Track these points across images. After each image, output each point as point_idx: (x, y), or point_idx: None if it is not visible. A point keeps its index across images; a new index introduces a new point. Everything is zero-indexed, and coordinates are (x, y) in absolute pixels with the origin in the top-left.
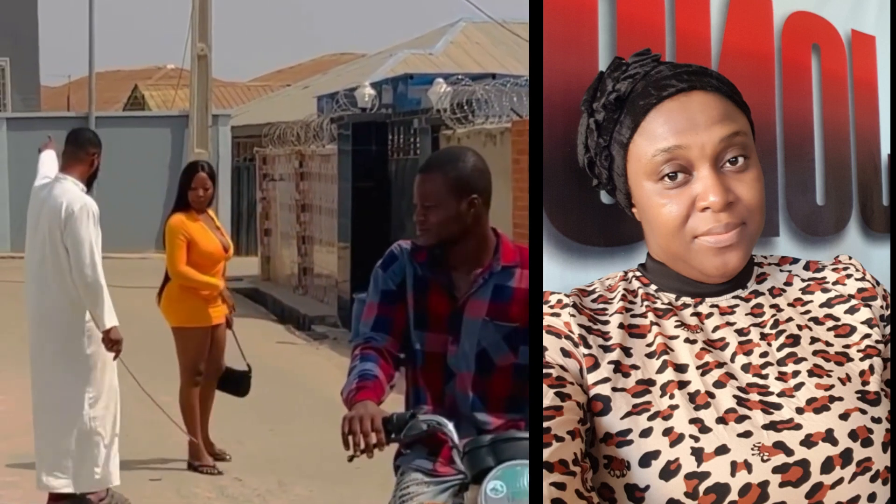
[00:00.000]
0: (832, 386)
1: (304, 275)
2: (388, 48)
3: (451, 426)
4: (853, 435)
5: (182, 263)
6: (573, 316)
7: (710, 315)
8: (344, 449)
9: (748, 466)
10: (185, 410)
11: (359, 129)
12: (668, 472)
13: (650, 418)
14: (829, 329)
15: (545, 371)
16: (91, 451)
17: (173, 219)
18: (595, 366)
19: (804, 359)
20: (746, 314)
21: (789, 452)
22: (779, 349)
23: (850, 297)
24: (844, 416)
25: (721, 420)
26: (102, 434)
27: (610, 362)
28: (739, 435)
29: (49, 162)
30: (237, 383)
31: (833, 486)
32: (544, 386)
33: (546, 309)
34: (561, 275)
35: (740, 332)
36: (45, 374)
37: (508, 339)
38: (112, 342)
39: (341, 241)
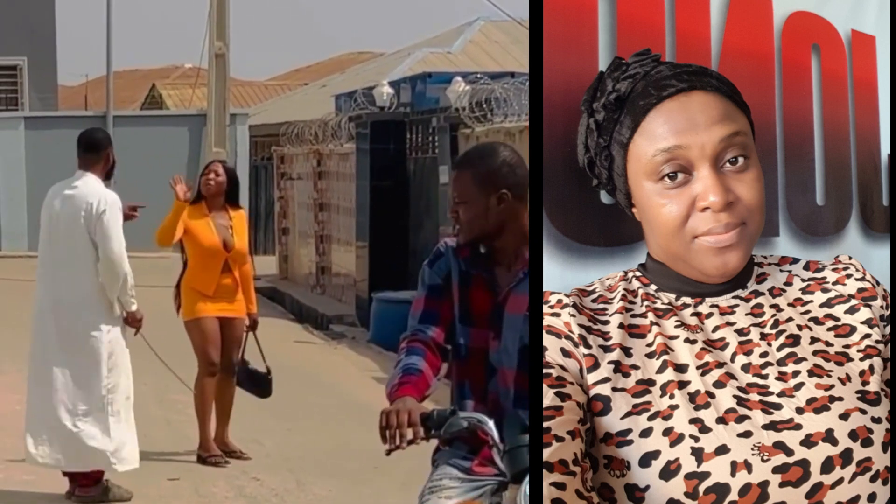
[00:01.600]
0: (832, 386)
1: (321, 274)
2: (406, 47)
3: (491, 424)
4: (853, 435)
5: (161, 227)
6: (573, 316)
7: (710, 315)
8: (381, 443)
9: (748, 466)
10: (197, 402)
11: (377, 128)
12: (668, 472)
13: (650, 418)
14: (829, 329)
15: (545, 371)
16: (109, 431)
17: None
18: (595, 366)
19: (804, 359)
20: (746, 314)
21: (789, 452)
22: (779, 349)
23: (850, 297)
24: (844, 416)
25: (721, 420)
26: (119, 413)
27: (610, 362)
28: (739, 435)
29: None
30: (259, 384)
31: (833, 486)
32: (544, 386)
33: (546, 309)
34: (561, 275)
35: (740, 332)
36: (55, 359)
37: None
38: (136, 320)
39: (359, 240)
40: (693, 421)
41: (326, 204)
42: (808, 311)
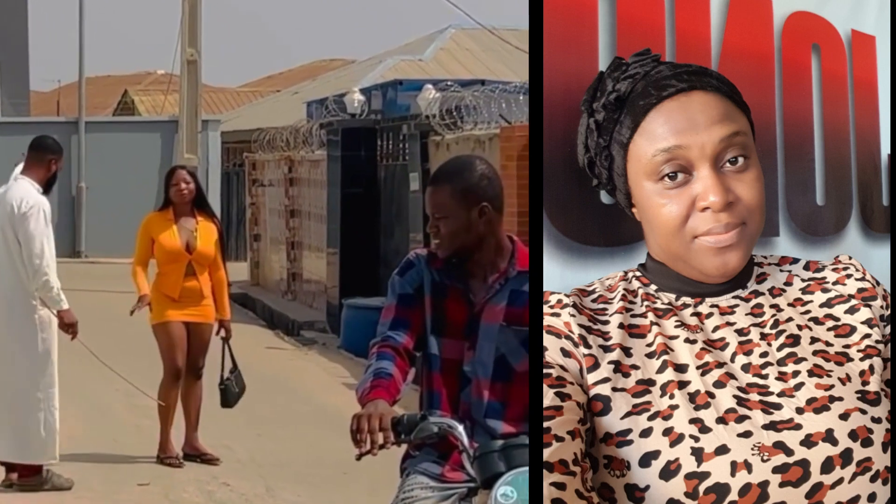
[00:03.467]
0: (832, 386)
1: (293, 280)
2: (378, 54)
3: (461, 429)
4: (853, 435)
5: (137, 261)
6: (573, 316)
7: (710, 315)
8: (353, 447)
9: (748, 466)
10: (160, 405)
11: (348, 135)
12: (668, 472)
13: (650, 418)
14: (829, 329)
15: (545, 371)
16: (33, 426)
17: (147, 217)
18: (595, 366)
19: (804, 359)
20: (746, 314)
21: (789, 452)
22: (779, 349)
23: (850, 297)
24: (844, 416)
25: (721, 420)
26: (45, 411)
27: (610, 362)
28: (739, 435)
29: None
30: (224, 394)
31: (833, 486)
32: (544, 386)
33: (546, 309)
34: (561, 275)
35: (740, 332)
36: (10, 355)
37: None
38: (67, 325)
39: (330, 246)
40: (693, 421)
41: (298, 210)
42: (808, 311)
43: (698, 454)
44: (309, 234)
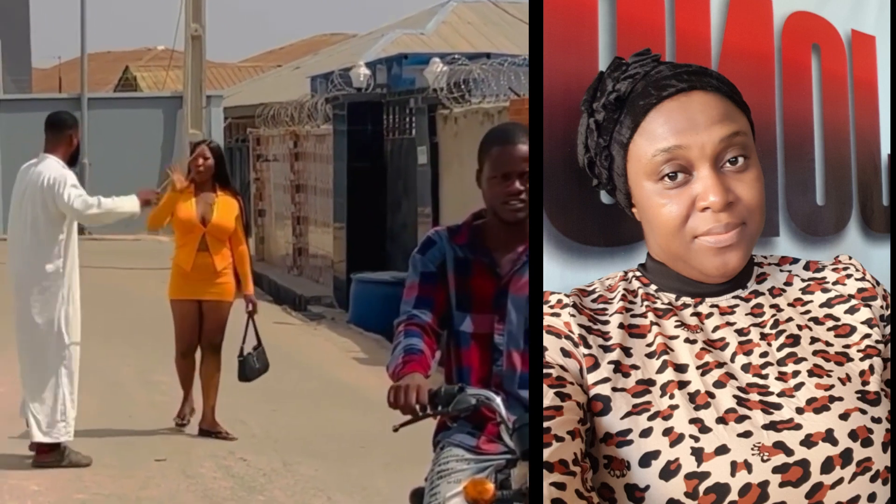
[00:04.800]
0: (832, 386)
1: (298, 255)
2: (379, 28)
3: (499, 401)
4: (853, 435)
5: (152, 212)
6: (573, 316)
7: (710, 315)
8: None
9: (748, 466)
10: (180, 380)
11: (354, 109)
12: (668, 472)
13: (650, 418)
14: (829, 329)
15: (545, 371)
16: (50, 403)
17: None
18: (595, 366)
19: (804, 359)
20: (746, 314)
21: (789, 452)
22: (779, 349)
23: (850, 297)
24: (844, 416)
25: (721, 420)
26: (63, 387)
27: (610, 362)
28: (739, 435)
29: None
30: (242, 367)
31: (833, 486)
32: (544, 386)
33: (546, 309)
34: (561, 275)
35: (740, 332)
36: (24, 334)
37: None
38: (145, 201)
39: (337, 221)
40: (693, 421)
41: (303, 185)
42: (808, 311)
43: (698, 454)
44: (315, 209)
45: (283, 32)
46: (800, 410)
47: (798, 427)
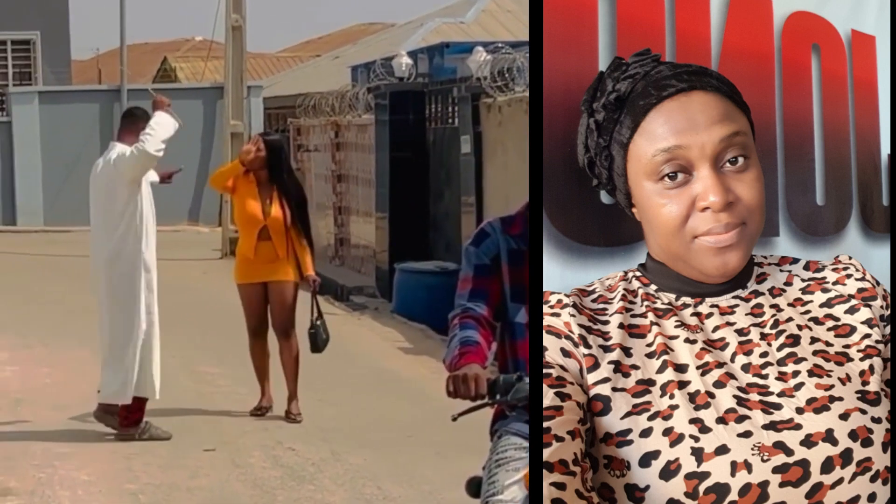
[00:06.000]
0: (832, 386)
1: (340, 245)
2: (418, 17)
3: None
4: (853, 435)
5: (217, 172)
6: (573, 316)
7: (710, 315)
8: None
9: (748, 466)
10: (255, 368)
11: (396, 99)
12: (668, 472)
13: (650, 418)
14: (829, 329)
15: (545, 371)
16: (131, 366)
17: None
18: (595, 366)
19: (804, 359)
20: (746, 314)
21: (789, 452)
22: (779, 349)
23: (850, 297)
24: (844, 416)
25: (721, 420)
26: (147, 350)
27: (610, 362)
28: (739, 435)
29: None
30: (314, 339)
31: (833, 486)
32: (544, 386)
33: (546, 309)
34: (561, 275)
35: (740, 332)
36: (107, 307)
37: None
38: (159, 103)
39: (379, 211)
40: (693, 421)
41: (345, 175)
42: (808, 311)
43: (698, 454)
44: (356, 199)
45: (321, 23)
46: (800, 410)
47: (798, 427)
